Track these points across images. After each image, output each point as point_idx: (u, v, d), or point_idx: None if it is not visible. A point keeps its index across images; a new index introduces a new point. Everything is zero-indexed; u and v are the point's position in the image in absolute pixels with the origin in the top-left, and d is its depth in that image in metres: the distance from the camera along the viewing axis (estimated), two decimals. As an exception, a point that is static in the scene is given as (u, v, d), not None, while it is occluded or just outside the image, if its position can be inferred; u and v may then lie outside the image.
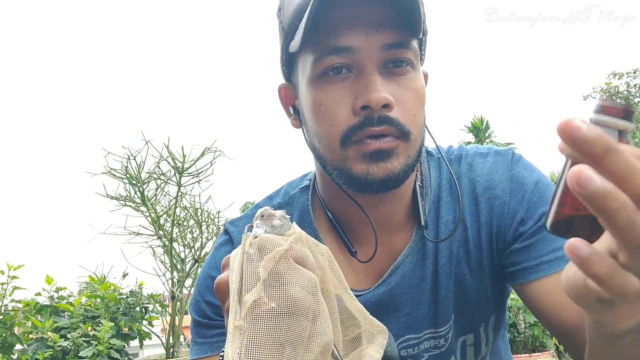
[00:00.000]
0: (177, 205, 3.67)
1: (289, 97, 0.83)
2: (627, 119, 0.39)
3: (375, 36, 0.70)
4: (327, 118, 0.72)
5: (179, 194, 3.65)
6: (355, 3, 0.70)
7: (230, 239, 0.89)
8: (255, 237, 0.51)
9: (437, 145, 0.87)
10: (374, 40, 0.70)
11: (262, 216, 0.53)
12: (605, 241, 0.38)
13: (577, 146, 0.35)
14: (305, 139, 0.81)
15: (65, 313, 3.45)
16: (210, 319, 0.83)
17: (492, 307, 0.86)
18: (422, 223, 0.81)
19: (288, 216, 0.54)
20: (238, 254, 0.51)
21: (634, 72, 14.55)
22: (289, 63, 0.80)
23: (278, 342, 0.47)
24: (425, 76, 0.82)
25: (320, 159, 0.77)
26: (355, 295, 0.80)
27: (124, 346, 3.28)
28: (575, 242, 0.36)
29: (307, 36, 0.69)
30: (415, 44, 0.74)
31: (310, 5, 0.68)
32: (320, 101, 0.72)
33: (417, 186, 0.84)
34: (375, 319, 0.61)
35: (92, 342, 3.09)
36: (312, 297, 0.49)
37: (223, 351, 0.62)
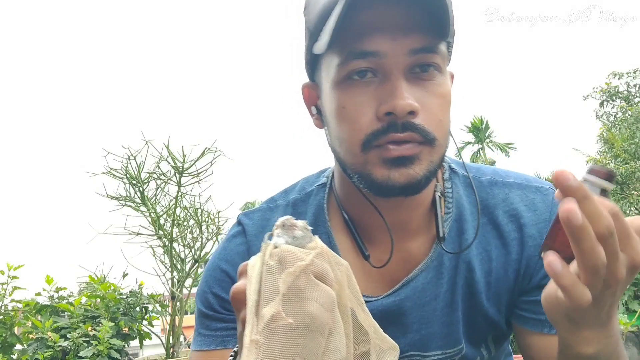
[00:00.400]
0: (177, 205, 3.67)
1: (312, 97, 0.81)
2: (608, 181, 0.53)
3: (403, 41, 0.68)
4: (349, 122, 0.71)
5: (179, 194, 3.65)
6: (383, 6, 0.68)
7: (243, 230, 0.87)
8: (276, 247, 0.50)
9: (465, 165, 0.85)
10: (401, 45, 0.68)
11: (284, 225, 0.52)
12: (574, 264, 0.51)
13: (564, 191, 0.48)
14: (327, 139, 0.80)
15: (65, 313, 3.45)
16: (216, 311, 0.82)
17: (497, 333, 0.86)
18: (440, 234, 0.78)
19: (310, 228, 0.53)
20: (257, 263, 0.51)
21: (634, 72, 14.54)
22: (313, 63, 0.78)
23: (292, 358, 0.47)
24: (451, 76, 0.80)
25: (341, 161, 0.76)
26: (365, 301, 0.80)
27: (124, 346, 3.28)
28: (553, 259, 0.50)
29: (333, 39, 0.67)
30: (443, 47, 0.72)
31: (337, 8, 0.66)
32: (343, 105, 0.71)
33: (437, 196, 0.81)
34: (387, 335, 0.61)
35: (92, 342, 3.09)
36: (329, 313, 0.49)
37: (232, 355, 0.62)
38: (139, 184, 3.60)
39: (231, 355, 0.62)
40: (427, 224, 0.81)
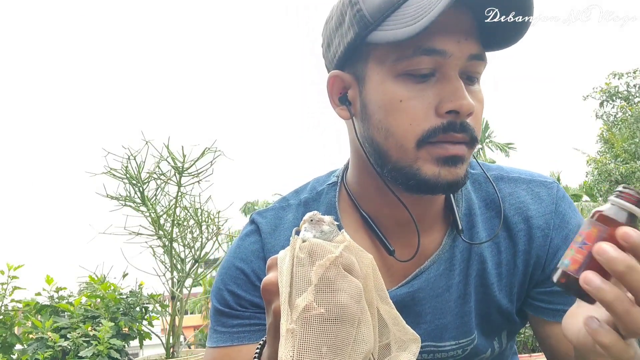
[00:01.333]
0: (177, 205, 3.67)
1: (338, 87, 0.81)
2: (638, 206, 0.51)
3: (465, 44, 0.71)
4: (405, 116, 0.71)
5: (179, 194, 3.65)
6: (456, 9, 0.69)
7: (257, 229, 0.88)
8: (304, 241, 0.52)
9: (477, 162, 0.87)
10: (464, 48, 0.71)
11: (311, 220, 0.54)
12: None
13: (607, 266, 0.49)
14: (356, 132, 0.79)
15: (65, 313, 3.45)
16: (232, 308, 0.83)
17: (511, 326, 0.88)
18: (459, 227, 0.81)
19: (337, 223, 0.55)
20: (287, 256, 0.52)
21: (634, 72, 14.54)
22: (353, 53, 0.77)
23: (326, 347, 0.48)
24: None
25: (381, 155, 0.75)
26: None
27: (124, 346, 3.28)
28: (592, 320, 0.50)
29: (418, 33, 0.67)
30: (486, 56, 0.75)
31: (442, 3, 0.66)
32: (400, 98, 0.72)
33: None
34: (410, 327, 0.62)
35: (92, 342, 3.09)
36: (357, 304, 0.51)
37: (258, 348, 0.64)
38: (139, 184, 3.59)
39: (258, 348, 0.63)
40: (441, 219, 0.84)
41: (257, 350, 0.64)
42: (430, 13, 0.66)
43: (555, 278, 0.55)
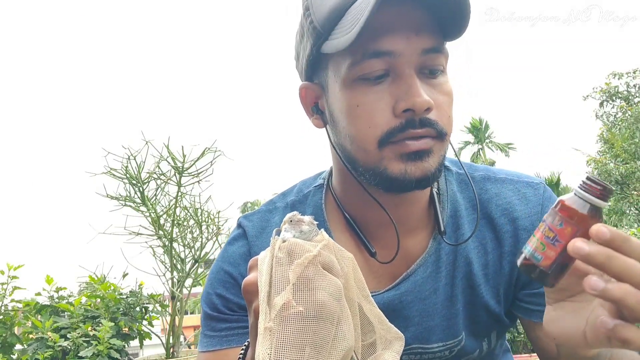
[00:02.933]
0: (177, 205, 3.67)
1: (310, 97, 0.82)
2: (601, 199, 0.51)
3: (416, 40, 0.70)
4: (363, 120, 0.72)
5: (179, 194, 3.65)
6: (397, 5, 0.69)
7: (243, 233, 0.89)
8: (284, 242, 0.52)
9: (460, 163, 0.87)
10: (414, 45, 0.70)
11: (291, 221, 0.54)
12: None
13: (586, 259, 0.49)
14: (330, 139, 0.81)
15: (65, 313, 3.44)
16: (220, 312, 0.83)
17: (500, 327, 0.87)
18: (442, 229, 0.81)
19: (316, 222, 0.55)
20: (267, 256, 0.53)
21: (634, 72, 14.54)
22: (314, 63, 0.78)
23: (305, 345, 0.48)
24: None
25: (351, 159, 0.77)
26: None
27: (124, 346, 3.28)
28: (602, 319, 0.51)
29: (357, 38, 0.68)
30: (446, 47, 0.74)
31: (369, 7, 0.66)
32: (357, 103, 0.72)
33: (434, 192, 0.84)
34: (392, 325, 0.62)
35: (92, 342, 3.08)
36: (337, 302, 0.51)
37: (243, 349, 0.63)
38: (139, 184, 3.59)
39: (242, 349, 0.63)
40: (425, 221, 0.83)
41: (242, 352, 0.64)
42: (361, 18, 0.66)
43: (519, 262, 0.56)
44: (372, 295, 0.80)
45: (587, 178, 0.51)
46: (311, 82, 0.81)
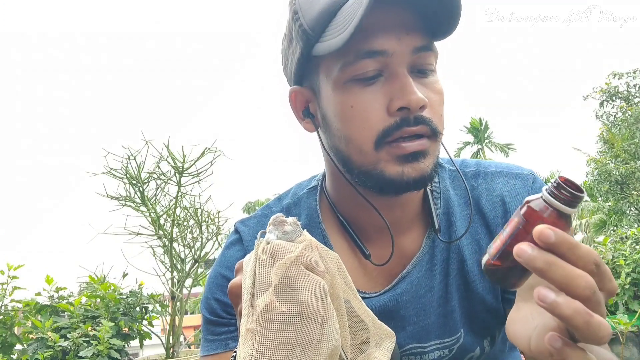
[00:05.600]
0: (177, 205, 3.67)
1: (300, 101, 0.82)
2: (568, 205, 0.46)
3: (406, 39, 0.70)
4: (358, 121, 0.72)
5: (179, 194, 3.65)
6: (386, 5, 0.69)
7: (240, 238, 0.89)
8: (268, 243, 0.52)
9: (451, 159, 0.87)
10: (405, 44, 0.70)
11: (275, 223, 0.54)
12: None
13: (527, 262, 0.46)
14: (322, 142, 0.81)
15: (65, 313, 3.45)
16: (219, 317, 0.84)
17: (502, 323, 0.86)
18: (436, 226, 0.81)
19: (299, 223, 0.55)
20: (251, 259, 0.53)
21: (634, 72, 14.55)
22: (304, 67, 0.78)
23: (288, 345, 0.48)
24: None
25: (345, 162, 0.77)
26: (363, 298, 0.81)
27: (124, 346, 3.28)
28: (551, 336, 0.46)
29: (349, 40, 0.68)
30: (435, 46, 0.75)
31: (363, 7, 0.66)
32: (351, 104, 0.72)
33: (429, 190, 0.84)
34: (383, 323, 0.62)
35: (92, 342, 3.09)
36: (321, 302, 0.51)
37: (235, 352, 0.63)
38: (139, 184, 3.59)
39: (234, 351, 0.63)
40: (418, 219, 0.84)
41: (234, 354, 0.65)
42: (354, 18, 0.66)
43: (483, 262, 0.53)
44: (369, 298, 0.81)
45: (557, 182, 0.47)
46: (301, 86, 0.81)
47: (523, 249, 0.46)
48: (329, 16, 0.71)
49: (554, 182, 0.47)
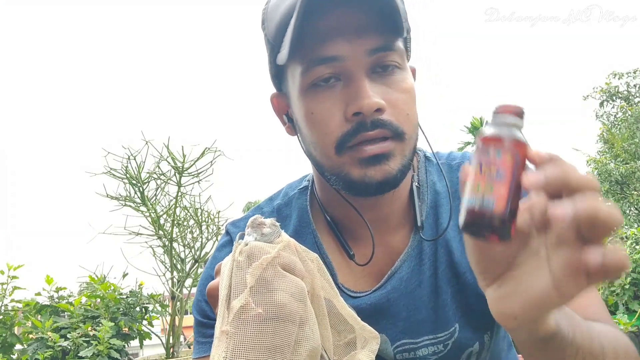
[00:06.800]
0: (177, 205, 3.67)
1: (281, 106, 0.84)
2: (521, 117, 0.46)
3: (359, 42, 0.70)
4: (319, 127, 0.73)
5: (179, 194, 3.65)
6: (336, 11, 0.70)
7: (231, 239, 0.89)
8: (246, 245, 0.52)
9: (432, 152, 0.87)
10: (359, 47, 0.70)
11: (253, 224, 0.54)
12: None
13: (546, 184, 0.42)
14: (302, 146, 0.82)
15: (65, 313, 3.45)
16: (210, 319, 0.84)
17: None
18: (419, 224, 0.81)
19: (278, 224, 0.55)
20: (229, 261, 0.52)
21: (634, 72, 14.55)
22: (278, 74, 0.81)
23: (264, 347, 0.48)
24: (413, 71, 0.83)
25: (317, 165, 0.78)
26: (354, 297, 0.81)
27: (124, 346, 3.28)
28: (556, 208, 0.41)
29: (293, 49, 0.70)
30: (400, 44, 0.74)
31: (293, 19, 0.68)
32: (312, 111, 0.73)
33: (415, 187, 0.84)
34: (366, 324, 0.62)
35: (92, 342, 3.09)
36: (299, 303, 0.50)
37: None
38: (139, 184, 3.60)
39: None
40: (407, 215, 0.84)
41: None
42: (289, 31, 0.69)
43: (464, 220, 0.45)
44: (360, 297, 0.81)
45: (497, 105, 0.46)
46: (280, 92, 0.83)
47: (537, 177, 0.42)
48: (286, 27, 0.72)
49: (497, 106, 0.46)
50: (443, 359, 0.82)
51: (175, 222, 3.67)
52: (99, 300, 3.50)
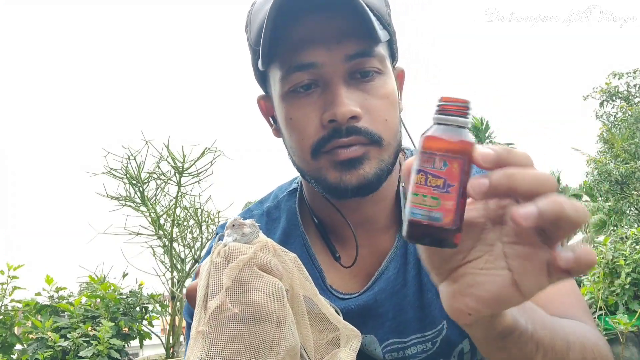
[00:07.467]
0: (177, 205, 3.67)
1: (268, 108, 0.84)
2: (466, 116, 0.43)
3: (337, 49, 0.70)
4: (297, 132, 0.74)
5: (179, 194, 3.65)
6: (314, 17, 0.70)
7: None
8: (224, 246, 0.52)
9: (412, 153, 0.87)
10: (336, 53, 0.70)
11: (233, 225, 0.54)
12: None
13: (490, 192, 0.41)
14: (285, 148, 0.83)
15: (65, 313, 3.45)
16: None
17: None
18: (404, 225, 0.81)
19: (257, 224, 0.55)
20: (207, 262, 0.53)
21: (634, 72, 14.54)
22: (262, 77, 0.82)
23: (241, 346, 0.48)
24: (401, 73, 0.82)
25: (299, 169, 0.79)
26: (342, 299, 0.82)
27: (124, 346, 3.28)
28: (519, 210, 0.39)
29: (268, 56, 0.71)
30: (380, 49, 0.74)
31: (264, 26, 0.69)
32: (290, 116, 0.74)
33: (401, 188, 0.84)
34: (347, 322, 0.62)
35: (92, 342, 3.08)
36: (276, 302, 0.51)
37: None
38: (139, 184, 3.60)
39: None
40: (394, 217, 0.84)
41: None
42: (263, 40, 0.70)
43: (407, 232, 0.44)
44: (349, 298, 0.82)
45: (441, 100, 0.43)
46: (266, 94, 0.84)
47: (481, 183, 0.40)
48: (262, 35, 0.73)
49: (440, 103, 0.43)
50: (432, 357, 0.82)
51: (175, 222, 3.68)
52: (99, 300, 3.50)
